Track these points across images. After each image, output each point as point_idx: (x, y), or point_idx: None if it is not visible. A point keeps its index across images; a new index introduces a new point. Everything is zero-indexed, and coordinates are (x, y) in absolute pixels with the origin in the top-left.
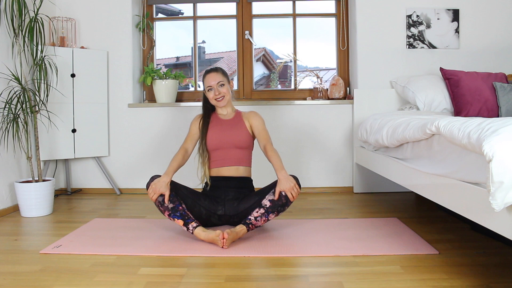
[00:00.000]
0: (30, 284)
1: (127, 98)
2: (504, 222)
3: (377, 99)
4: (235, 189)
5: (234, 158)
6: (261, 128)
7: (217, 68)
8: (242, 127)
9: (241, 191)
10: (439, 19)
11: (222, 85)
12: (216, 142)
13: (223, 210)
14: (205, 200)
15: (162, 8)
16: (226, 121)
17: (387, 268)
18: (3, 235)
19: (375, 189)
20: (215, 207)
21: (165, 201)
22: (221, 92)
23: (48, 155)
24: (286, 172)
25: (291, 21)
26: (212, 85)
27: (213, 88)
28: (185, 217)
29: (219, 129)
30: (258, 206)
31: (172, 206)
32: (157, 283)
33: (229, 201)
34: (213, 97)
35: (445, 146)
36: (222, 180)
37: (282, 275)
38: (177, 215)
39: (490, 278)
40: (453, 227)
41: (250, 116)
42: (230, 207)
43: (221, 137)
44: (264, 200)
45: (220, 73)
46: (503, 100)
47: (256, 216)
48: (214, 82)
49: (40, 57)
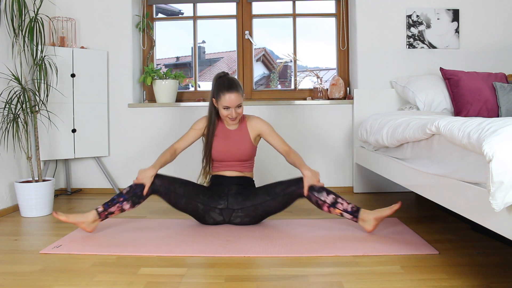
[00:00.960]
0: (30, 284)
1: (127, 98)
2: (504, 222)
3: (377, 99)
4: (237, 185)
5: (237, 167)
6: (274, 134)
7: (238, 87)
8: (246, 139)
9: (244, 187)
10: (439, 19)
11: (239, 106)
12: (221, 155)
13: (225, 204)
14: (204, 196)
15: (162, 8)
16: (232, 133)
17: (387, 268)
18: (3, 235)
19: (375, 189)
20: (216, 201)
21: (143, 192)
22: (237, 113)
23: (48, 155)
24: (309, 167)
25: (291, 21)
26: (231, 106)
27: (231, 109)
28: (123, 200)
29: (225, 142)
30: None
31: (130, 195)
32: (157, 283)
33: (232, 195)
34: (228, 115)
35: (445, 146)
36: (224, 178)
37: (282, 275)
38: (121, 200)
39: (490, 278)
40: (453, 227)
41: (256, 125)
42: (234, 201)
43: (226, 150)
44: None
45: (240, 94)
46: (503, 100)
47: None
48: (233, 105)
49: (40, 57)
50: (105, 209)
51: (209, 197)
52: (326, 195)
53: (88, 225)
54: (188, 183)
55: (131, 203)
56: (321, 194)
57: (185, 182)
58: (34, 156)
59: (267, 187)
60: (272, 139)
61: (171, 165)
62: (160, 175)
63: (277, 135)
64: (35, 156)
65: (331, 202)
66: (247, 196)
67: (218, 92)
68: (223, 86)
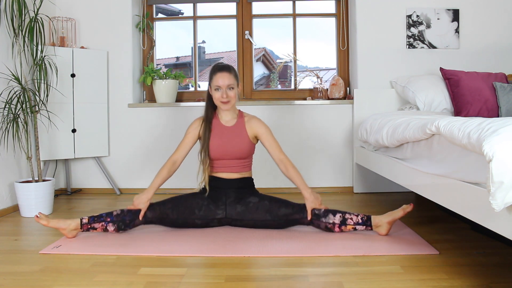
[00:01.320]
0: (30, 284)
1: (127, 98)
2: (504, 222)
3: (377, 99)
4: (236, 190)
5: (235, 166)
6: (271, 139)
7: (230, 68)
8: (244, 136)
9: (242, 191)
10: (439, 19)
11: (231, 89)
12: (218, 153)
13: (223, 214)
14: (200, 211)
15: (162, 8)
16: (228, 129)
17: (387, 268)
18: (3, 235)
19: (375, 189)
20: (214, 212)
21: (138, 217)
22: (229, 95)
23: (48, 155)
24: (311, 190)
25: (291, 21)
26: (222, 86)
27: (222, 90)
28: (110, 221)
29: (221, 139)
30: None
31: (118, 220)
32: (157, 283)
33: (231, 203)
34: (219, 98)
35: (445, 146)
36: (223, 181)
37: (282, 275)
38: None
39: (490, 278)
40: (453, 227)
41: (254, 125)
42: (233, 211)
43: (223, 148)
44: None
45: (232, 75)
46: (503, 100)
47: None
48: (224, 83)
49: (40, 57)
50: (89, 223)
51: (205, 209)
52: (333, 216)
53: (69, 231)
54: (180, 203)
55: (116, 228)
56: (328, 218)
57: (176, 202)
58: (34, 156)
59: (269, 204)
60: (268, 144)
61: None
62: (151, 205)
63: (274, 140)
64: (35, 156)
65: (340, 222)
66: (247, 205)
67: (211, 75)
68: (216, 68)
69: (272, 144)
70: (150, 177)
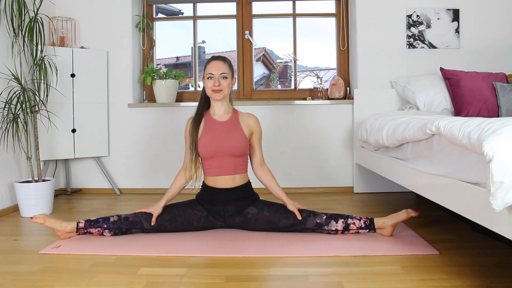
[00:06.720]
0: (30, 284)
1: (127, 98)
2: (504, 222)
3: (377, 99)
4: (234, 202)
5: (230, 166)
6: (259, 142)
7: (225, 58)
8: (238, 131)
9: (241, 203)
10: (439, 19)
11: (224, 78)
12: (209, 150)
13: (222, 224)
14: (198, 223)
15: (162, 8)
16: (221, 124)
17: (387, 268)
18: (3, 235)
19: (375, 189)
20: (213, 223)
21: (152, 220)
22: (221, 84)
23: (48, 155)
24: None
25: (291, 21)
26: (214, 74)
27: (214, 78)
28: (106, 227)
29: (212, 135)
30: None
31: (115, 227)
32: (157, 283)
33: (229, 216)
34: (211, 87)
35: (445, 146)
36: (219, 192)
37: (282, 275)
38: (105, 227)
39: (490, 278)
40: (453, 227)
41: (250, 122)
42: (231, 221)
43: (214, 144)
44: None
45: (227, 65)
46: (503, 100)
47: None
48: (217, 71)
49: (40, 57)
50: (85, 227)
51: (204, 220)
52: (335, 223)
53: (63, 233)
54: (178, 214)
55: (112, 234)
56: (330, 225)
57: (174, 214)
58: (34, 156)
59: (269, 216)
60: (256, 145)
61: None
62: (149, 217)
63: (260, 144)
64: (35, 156)
65: (343, 228)
66: (245, 217)
67: (205, 65)
68: (210, 58)
69: (259, 147)
70: (150, 177)
